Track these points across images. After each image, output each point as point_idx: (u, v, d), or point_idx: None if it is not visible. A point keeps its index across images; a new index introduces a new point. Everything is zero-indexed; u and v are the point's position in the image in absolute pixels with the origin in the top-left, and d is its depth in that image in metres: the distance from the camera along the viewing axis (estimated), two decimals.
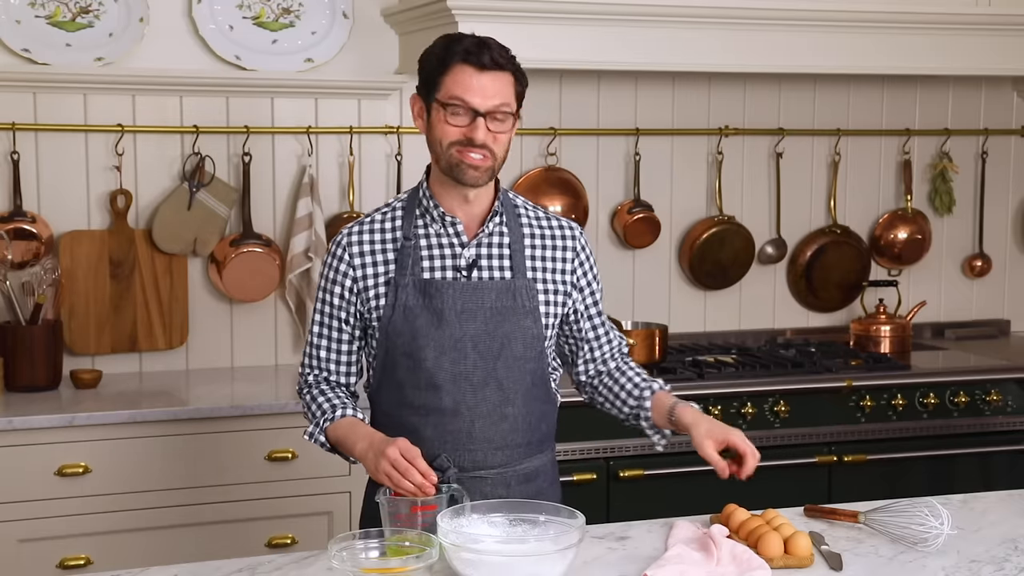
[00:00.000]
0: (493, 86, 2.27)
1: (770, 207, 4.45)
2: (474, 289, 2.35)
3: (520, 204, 2.47)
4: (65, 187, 3.73)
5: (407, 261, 2.36)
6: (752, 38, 3.78)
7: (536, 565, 2.02)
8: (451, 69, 2.28)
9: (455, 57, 2.28)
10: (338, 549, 2.03)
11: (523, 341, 2.37)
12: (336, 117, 3.95)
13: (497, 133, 2.29)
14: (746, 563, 2.15)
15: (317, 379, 2.48)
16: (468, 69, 2.27)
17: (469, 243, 2.38)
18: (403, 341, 2.35)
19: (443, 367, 2.34)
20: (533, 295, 2.39)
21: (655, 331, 3.94)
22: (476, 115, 2.27)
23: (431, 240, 2.38)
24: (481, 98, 2.26)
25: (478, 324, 2.35)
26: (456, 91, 2.27)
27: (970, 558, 2.25)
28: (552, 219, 2.48)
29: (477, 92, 2.26)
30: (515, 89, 2.32)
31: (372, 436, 2.30)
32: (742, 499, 2.59)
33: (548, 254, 2.43)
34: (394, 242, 2.39)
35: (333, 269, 2.42)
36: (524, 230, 2.43)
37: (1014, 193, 4.75)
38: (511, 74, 2.31)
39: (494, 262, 2.39)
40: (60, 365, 3.59)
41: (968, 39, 3.99)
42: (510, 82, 2.30)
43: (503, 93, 2.28)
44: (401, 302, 2.35)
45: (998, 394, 3.96)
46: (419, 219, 2.40)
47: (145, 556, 3.16)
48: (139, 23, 3.71)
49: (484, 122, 2.27)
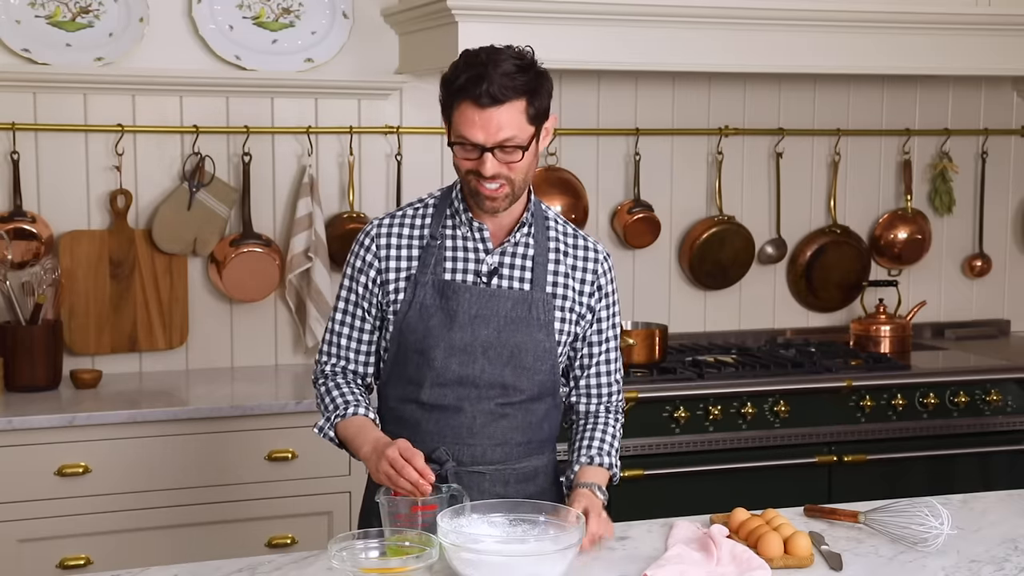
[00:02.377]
0: (496, 121, 2.21)
1: (770, 207, 4.45)
2: (491, 296, 2.36)
3: (552, 218, 2.46)
4: (65, 187, 3.73)
5: (430, 260, 2.38)
6: (752, 38, 3.78)
7: (536, 565, 2.02)
8: (457, 106, 2.25)
9: (458, 95, 2.24)
10: (338, 549, 2.03)
11: (534, 353, 2.38)
12: (336, 117, 3.95)
13: (510, 163, 2.26)
14: (746, 563, 2.15)
15: (334, 369, 2.48)
16: (470, 107, 2.22)
17: (493, 250, 2.39)
18: (415, 338, 2.37)
19: (451, 368, 2.35)
20: (549, 309, 2.39)
21: (655, 331, 3.94)
22: (483, 150, 2.24)
23: (457, 243, 2.39)
24: (484, 135, 2.22)
25: (490, 331, 2.35)
26: (460, 130, 2.25)
27: (970, 558, 2.25)
28: (580, 238, 2.47)
29: (480, 130, 2.22)
30: (527, 114, 2.24)
31: (378, 440, 2.31)
32: (742, 499, 2.60)
33: (571, 272, 2.43)
34: (421, 239, 2.41)
35: (360, 258, 2.43)
36: (551, 244, 2.43)
37: (1014, 193, 4.75)
38: (519, 100, 2.23)
39: (515, 272, 2.39)
40: (60, 365, 3.59)
41: (968, 39, 3.99)
42: (518, 110, 2.23)
43: (508, 126, 2.22)
44: (419, 299, 2.37)
45: (998, 394, 3.96)
46: (448, 219, 2.41)
47: (145, 556, 3.16)
48: (139, 23, 3.71)
49: (491, 156, 2.24)
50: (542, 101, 2.27)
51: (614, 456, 2.48)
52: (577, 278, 2.43)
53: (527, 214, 2.40)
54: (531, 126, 2.26)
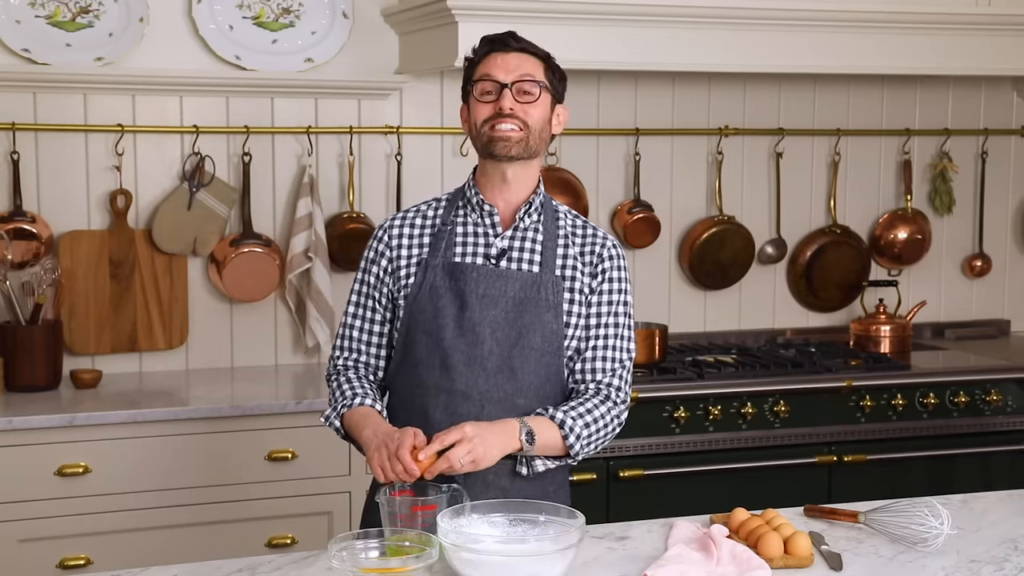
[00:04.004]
0: (516, 61, 2.39)
1: (770, 207, 4.45)
2: (499, 277, 2.39)
3: (562, 212, 2.50)
4: (65, 187, 3.73)
5: (440, 244, 2.44)
6: (752, 38, 3.78)
7: (536, 565, 2.02)
8: (482, 61, 2.42)
9: (485, 47, 2.43)
10: (338, 549, 2.03)
11: (542, 334, 2.38)
12: (336, 117, 3.95)
13: (526, 104, 2.37)
14: (746, 563, 2.15)
15: (346, 363, 2.51)
16: (495, 53, 2.41)
17: (503, 233, 2.43)
18: (425, 319, 2.40)
19: (459, 348, 2.36)
20: (559, 291, 2.41)
21: (655, 331, 3.93)
22: (502, 87, 2.37)
23: (468, 228, 2.45)
24: (504, 72, 2.37)
25: (498, 311, 2.37)
26: (483, 70, 2.41)
27: (970, 558, 2.25)
28: (589, 227, 2.50)
29: (501, 68, 2.38)
30: (544, 70, 2.41)
31: (379, 426, 2.32)
32: (742, 499, 2.60)
33: (579, 257, 2.45)
34: (432, 227, 2.47)
35: (373, 250, 2.50)
36: (560, 231, 2.46)
37: (1014, 193, 4.75)
38: (539, 59, 2.42)
39: (524, 255, 2.42)
40: (60, 365, 3.59)
41: (968, 39, 3.99)
42: (537, 64, 2.41)
43: (527, 67, 2.39)
44: (429, 281, 2.41)
45: (998, 394, 3.96)
46: (460, 209, 2.47)
47: (145, 556, 3.16)
48: (139, 23, 3.71)
49: (510, 93, 2.36)
50: (556, 75, 2.44)
51: (577, 424, 2.32)
52: (585, 261, 2.45)
53: (536, 197, 2.44)
54: (546, 80, 2.41)
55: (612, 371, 2.43)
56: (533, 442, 2.29)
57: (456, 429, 2.22)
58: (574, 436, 2.32)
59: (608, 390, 2.42)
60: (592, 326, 2.43)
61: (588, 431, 2.34)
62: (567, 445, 2.33)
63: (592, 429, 2.35)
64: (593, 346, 2.43)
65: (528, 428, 2.28)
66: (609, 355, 2.43)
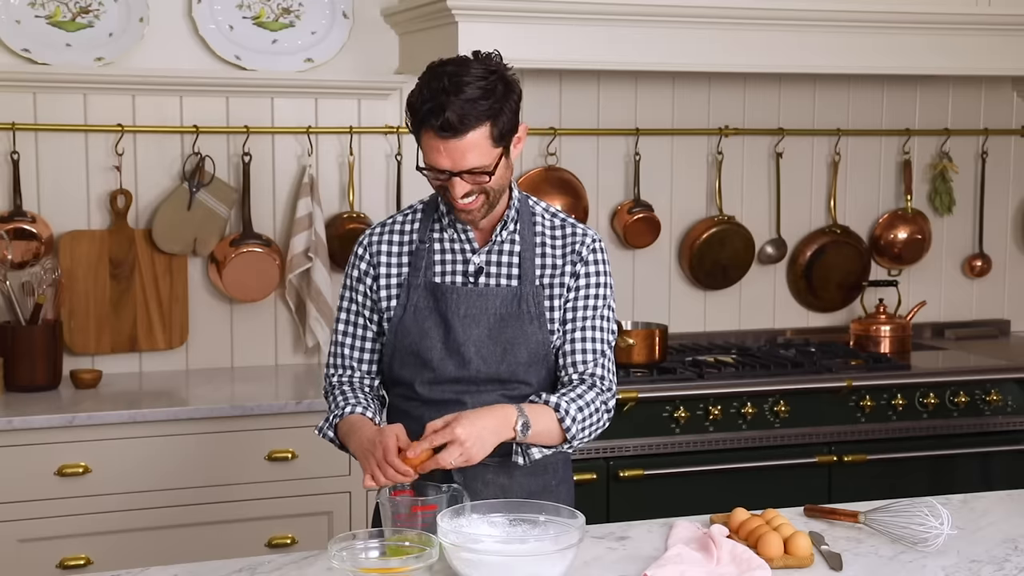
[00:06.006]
0: (459, 149, 2.23)
1: (770, 207, 4.45)
2: (479, 295, 2.38)
3: (539, 212, 2.46)
4: (65, 187, 3.73)
5: (420, 264, 2.42)
6: (752, 38, 3.78)
7: (536, 565, 2.02)
8: (422, 134, 2.27)
9: (421, 124, 2.26)
10: (338, 549, 2.03)
11: (527, 347, 2.38)
12: (336, 117, 3.95)
13: (479, 183, 2.28)
14: (746, 563, 2.15)
15: (341, 379, 2.51)
16: (433, 137, 2.24)
17: (479, 250, 2.41)
18: (411, 340, 2.40)
19: (447, 369, 2.38)
20: (540, 301, 2.40)
21: (655, 331, 3.94)
22: (451, 175, 2.27)
23: (444, 245, 2.43)
24: (450, 163, 2.25)
25: (481, 330, 2.37)
26: (428, 158, 2.29)
27: (970, 558, 2.25)
28: (568, 226, 2.46)
29: (445, 158, 2.25)
30: (492, 137, 2.24)
31: (363, 434, 2.32)
32: (742, 499, 2.60)
33: (557, 261, 2.42)
34: (410, 244, 2.45)
35: (356, 268, 2.48)
36: (536, 239, 2.43)
37: (1014, 193, 4.75)
38: (482, 127, 2.23)
39: (502, 269, 2.41)
40: (60, 365, 3.59)
41: (968, 39, 3.99)
42: (483, 136, 2.23)
43: (473, 153, 2.24)
44: (412, 302, 2.41)
45: (998, 394, 3.96)
46: (435, 223, 2.45)
47: (145, 556, 3.16)
48: (139, 23, 3.71)
49: (459, 179, 2.27)
50: (507, 120, 2.26)
51: (572, 407, 2.32)
52: (565, 261, 2.42)
53: (510, 211, 2.41)
54: (497, 148, 2.26)
55: (594, 361, 2.42)
56: (528, 431, 2.28)
57: (447, 429, 2.20)
58: (570, 419, 2.32)
59: (592, 379, 2.41)
60: (570, 319, 2.42)
61: (582, 414, 2.35)
62: (563, 428, 2.32)
63: (586, 413, 2.35)
64: (572, 339, 2.42)
65: (524, 419, 2.27)
66: (589, 346, 2.42)
